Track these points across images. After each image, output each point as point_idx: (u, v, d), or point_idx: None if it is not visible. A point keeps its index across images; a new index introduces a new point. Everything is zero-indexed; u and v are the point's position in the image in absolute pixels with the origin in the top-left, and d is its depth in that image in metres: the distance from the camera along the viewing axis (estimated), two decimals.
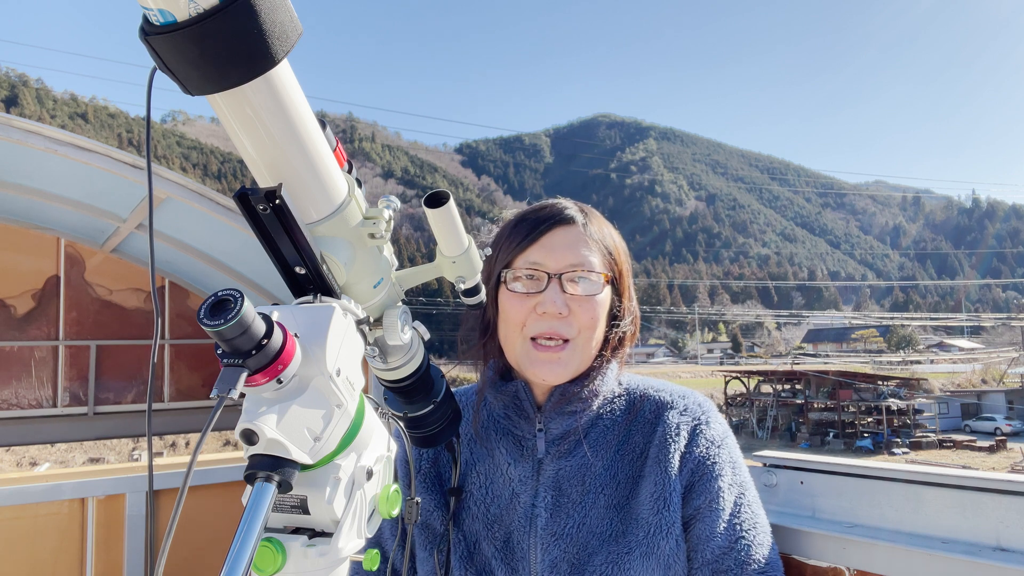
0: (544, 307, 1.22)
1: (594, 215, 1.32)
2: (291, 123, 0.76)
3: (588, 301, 1.23)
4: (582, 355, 1.26)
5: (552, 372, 1.23)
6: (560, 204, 1.31)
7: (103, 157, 3.04)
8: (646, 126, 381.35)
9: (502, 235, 1.31)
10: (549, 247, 1.24)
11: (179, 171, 30.71)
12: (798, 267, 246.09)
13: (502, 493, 1.27)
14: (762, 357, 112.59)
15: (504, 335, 1.29)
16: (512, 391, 1.30)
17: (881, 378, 46.55)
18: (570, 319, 1.23)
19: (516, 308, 1.25)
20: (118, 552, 3.00)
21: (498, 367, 1.35)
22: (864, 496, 1.47)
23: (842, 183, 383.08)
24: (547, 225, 1.26)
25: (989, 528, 1.28)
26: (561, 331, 1.23)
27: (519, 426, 1.30)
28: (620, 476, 1.25)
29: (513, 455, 1.29)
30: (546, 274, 1.23)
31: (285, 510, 0.83)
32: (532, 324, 1.24)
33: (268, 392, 0.74)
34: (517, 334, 1.26)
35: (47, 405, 3.98)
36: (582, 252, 1.24)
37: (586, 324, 1.24)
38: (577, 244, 1.25)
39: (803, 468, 1.59)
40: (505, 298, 1.27)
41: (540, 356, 1.23)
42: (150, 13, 0.65)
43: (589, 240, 1.26)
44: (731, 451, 1.31)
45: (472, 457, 1.33)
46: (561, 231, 1.26)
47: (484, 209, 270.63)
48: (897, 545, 1.34)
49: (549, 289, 1.22)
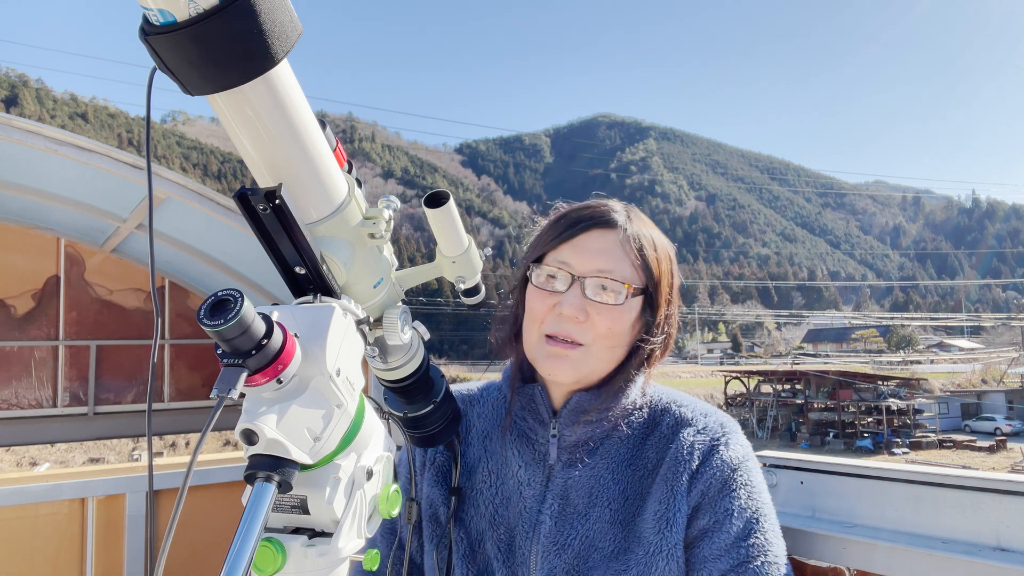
0: (562, 308, 1.18)
1: (642, 222, 1.26)
2: (291, 123, 0.76)
3: (607, 310, 1.18)
4: (595, 363, 1.21)
5: (559, 368, 1.20)
6: (605, 207, 1.26)
7: (103, 157, 3.04)
8: (646, 126, 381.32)
9: (542, 229, 1.29)
10: (580, 248, 1.21)
11: (179, 171, 30.72)
12: (798, 267, 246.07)
13: (511, 495, 1.26)
14: (762, 357, 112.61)
15: (525, 329, 1.26)
16: (529, 394, 1.28)
17: (881, 378, 46.55)
18: (587, 325, 1.19)
19: (537, 304, 1.22)
20: (118, 552, 3.00)
21: (523, 366, 1.31)
22: (864, 496, 1.47)
23: (842, 183, 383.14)
24: (584, 226, 1.22)
25: (989, 528, 1.28)
26: (575, 335, 1.19)
27: (534, 430, 1.28)
28: (629, 491, 1.22)
29: (525, 458, 1.27)
30: (571, 275, 1.19)
31: (285, 510, 0.83)
32: (549, 322, 1.21)
33: (268, 392, 0.74)
34: (535, 329, 1.23)
35: (47, 405, 3.98)
36: (612, 259, 1.20)
37: (602, 333, 1.19)
38: (610, 250, 1.20)
39: (803, 468, 1.59)
40: (530, 293, 1.25)
41: (550, 351, 1.20)
42: (150, 13, 0.65)
43: (626, 248, 1.21)
44: (749, 475, 1.23)
45: (486, 454, 1.31)
46: (597, 234, 1.21)
47: (484, 209, 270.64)
48: (897, 545, 1.34)
49: (570, 291, 1.19)
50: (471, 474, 1.31)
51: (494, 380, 1.44)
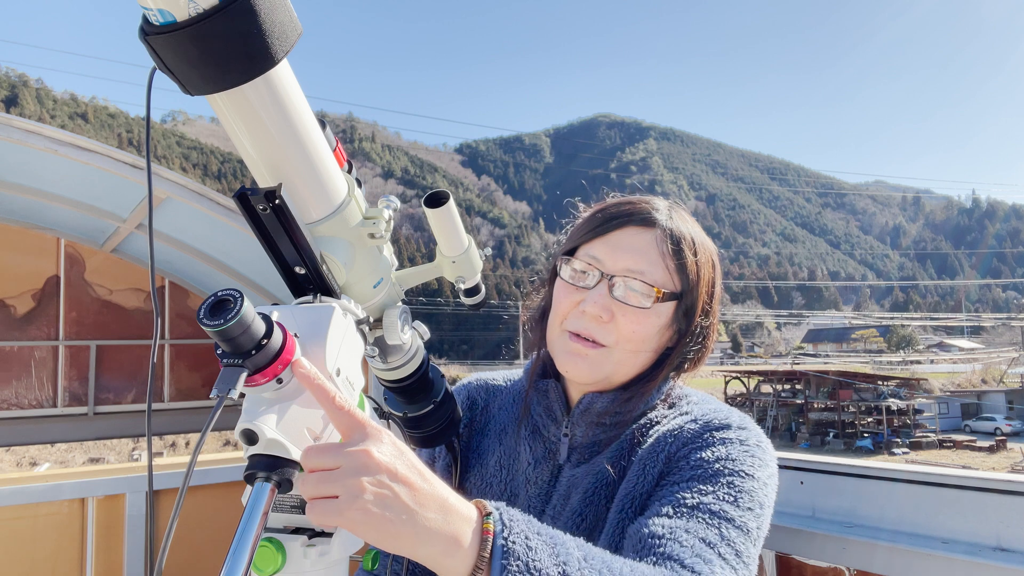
0: (586, 306, 1.13)
1: (684, 223, 1.18)
2: (291, 123, 0.76)
3: (633, 313, 1.12)
4: (616, 365, 1.15)
5: (576, 367, 1.15)
6: (646, 203, 1.19)
7: (103, 157, 3.04)
8: (646, 126, 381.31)
9: (579, 222, 1.25)
10: (613, 245, 1.15)
11: (179, 171, 30.72)
12: (798, 267, 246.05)
13: (519, 491, 1.24)
14: (762, 357, 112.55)
15: (549, 322, 1.23)
16: (544, 389, 1.25)
17: (881, 378, 46.54)
18: (610, 326, 1.13)
19: (563, 298, 1.18)
20: (118, 552, 3.00)
21: (545, 360, 1.28)
22: (864, 496, 1.47)
23: (842, 183, 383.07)
24: (619, 222, 1.16)
25: (989, 528, 1.28)
26: (597, 336, 1.13)
27: (547, 427, 1.24)
28: (634, 492, 1.11)
29: (536, 454, 1.24)
30: (600, 272, 1.14)
31: (285, 510, 0.83)
32: (572, 319, 1.16)
33: (268, 392, 0.74)
34: (558, 324, 1.19)
35: (47, 405, 3.98)
36: (645, 259, 1.13)
37: (626, 336, 1.13)
38: (644, 250, 1.14)
39: (803, 468, 1.59)
40: (558, 285, 1.21)
41: (570, 347, 1.15)
42: (150, 13, 0.64)
43: (662, 249, 1.14)
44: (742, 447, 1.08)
45: (500, 447, 1.28)
46: (632, 232, 1.15)
47: (484, 209, 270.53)
48: (897, 545, 1.34)
49: (596, 289, 1.13)
50: (483, 465, 1.29)
51: (516, 372, 1.41)
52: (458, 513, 0.74)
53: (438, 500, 0.73)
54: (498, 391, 1.38)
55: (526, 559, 0.74)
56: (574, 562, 0.78)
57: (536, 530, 0.78)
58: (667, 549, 0.92)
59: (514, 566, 0.73)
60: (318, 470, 0.72)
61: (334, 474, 0.70)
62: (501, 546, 0.74)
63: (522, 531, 0.77)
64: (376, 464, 0.71)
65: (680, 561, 0.90)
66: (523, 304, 1.36)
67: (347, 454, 0.71)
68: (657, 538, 0.95)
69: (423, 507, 0.72)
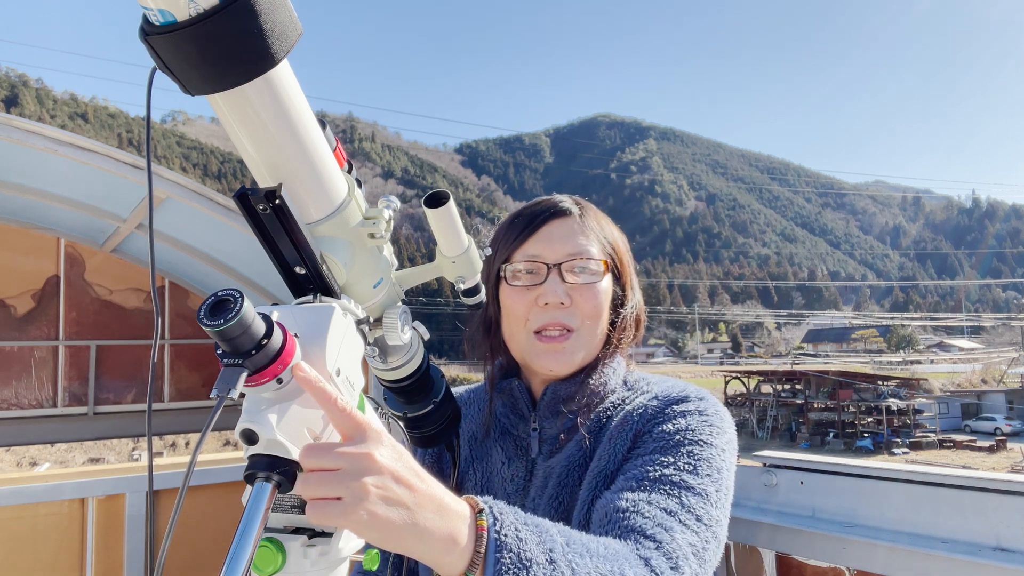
0: (545, 298, 1.21)
1: (589, 207, 1.32)
2: (291, 123, 0.76)
3: (589, 289, 1.23)
4: (587, 345, 1.24)
5: (557, 362, 1.22)
6: (555, 198, 1.31)
7: (103, 157, 3.04)
8: (646, 126, 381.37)
9: (499, 232, 1.32)
10: (547, 239, 1.25)
11: (179, 171, 30.73)
12: (798, 267, 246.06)
13: (497, 493, 1.27)
14: (762, 357, 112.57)
15: (508, 331, 1.29)
16: (507, 389, 1.31)
17: (881, 378, 46.54)
18: (572, 309, 1.22)
19: (517, 302, 1.25)
20: (118, 552, 3.00)
21: (503, 365, 1.35)
22: (864, 496, 1.47)
23: (842, 183, 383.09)
24: (543, 218, 1.26)
25: (989, 528, 1.28)
26: (564, 321, 1.22)
27: (516, 426, 1.30)
28: (606, 472, 1.17)
29: (509, 454, 1.29)
30: (545, 265, 1.23)
31: (285, 510, 0.83)
32: (535, 317, 1.23)
33: (268, 392, 0.74)
34: (521, 328, 1.25)
35: (47, 405, 3.98)
36: (579, 241, 1.24)
37: (589, 313, 1.23)
38: (574, 234, 1.25)
39: (803, 468, 1.59)
40: (506, 294, 1.27)
41: (544, 347, 1.23)
42: (150, 13, 0.64)
43: (586, 230, 1.26)
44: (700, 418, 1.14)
45: (472, 455, 1.33)
46: (557, 223, 1.26)
47: (484, 209, 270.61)
48: (897, 545, 1.34)
49: (549, 280, 1.22)
50: (463, 476, 1.33)
51: (481, 383, 1.45)
52: (453, 512, 0.77)
53: (435, 500, 0.75)
54: (464, 403, 1.41)
55: (517, 550, 0.78)
56: (559, 548, 0.82)
57: (523, 520, 0.82)
58: (631, 522, 0.99)
59: (507, 558, 0.77)
60: (318, 470, 0.72)
61: (337, 475, 0.71)
62: (495, 539, 0.78)
63: (512, 523, 0.80)
64: (379, 467, 0.72)
65: (643, 532, 0.96)
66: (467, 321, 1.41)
67: (349, 456, 0.72)
68: (622, 512, 1.01)
69: (422, 508, 0.74)
